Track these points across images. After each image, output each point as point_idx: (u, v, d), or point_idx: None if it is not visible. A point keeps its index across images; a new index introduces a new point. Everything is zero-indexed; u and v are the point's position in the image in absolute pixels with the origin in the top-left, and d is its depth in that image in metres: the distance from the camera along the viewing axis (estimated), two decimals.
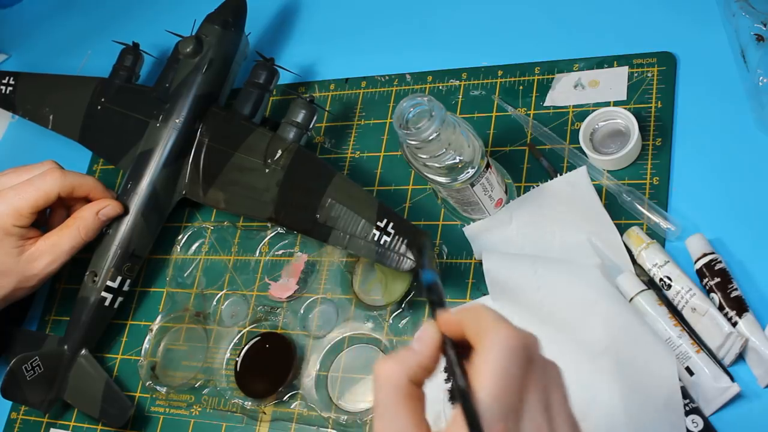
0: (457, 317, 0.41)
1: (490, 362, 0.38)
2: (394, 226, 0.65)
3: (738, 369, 0.59)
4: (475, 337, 0.39)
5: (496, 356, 0.38)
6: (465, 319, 0.40)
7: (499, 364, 0.38)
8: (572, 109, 0.72)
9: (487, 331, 0.39)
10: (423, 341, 0.41)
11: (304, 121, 0.75)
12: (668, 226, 0.64)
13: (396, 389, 0.40)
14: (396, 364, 0.40)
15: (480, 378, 0.38)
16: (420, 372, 0.41)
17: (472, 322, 0.40)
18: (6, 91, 0.91)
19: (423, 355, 0.41)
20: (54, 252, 0.74)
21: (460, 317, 0.41)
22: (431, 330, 0.41)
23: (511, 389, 0.38)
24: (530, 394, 0.39)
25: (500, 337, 0.38)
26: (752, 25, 0.66)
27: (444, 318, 0.41)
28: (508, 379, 0.38)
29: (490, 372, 0.38)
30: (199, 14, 0.82)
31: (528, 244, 0.68)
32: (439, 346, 0.41)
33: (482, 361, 0.38)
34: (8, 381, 0.74)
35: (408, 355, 0.41)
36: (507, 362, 0.38)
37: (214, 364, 0.74)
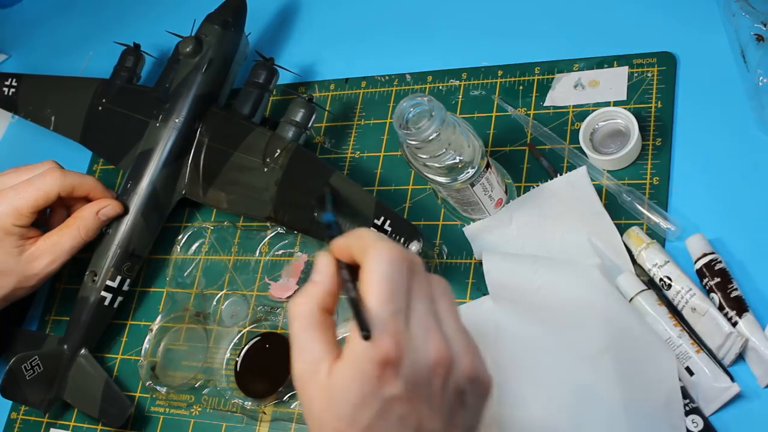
0: (345, 242, 0.45)
1: (374, 271, 0.42)
2: (392, 224, 0.65)
3: (738, 369, 0.59)
4: (362, 256, 0.44)
5: (379, 266, 0.42)
6: (351, 242, 0.45)
7: (382, 271, 0.42)
8: (572, 109, 0.72)
9: (370, 247, 0.43)
10: (320, 270, 0.45)
11: (303, 121, 0.75)
12: (668, 226, 0.64)
13: (306, 319, 0.44)
14: (304, 298, 0.44)
15: (367, 288, 0.42)
16: (326, 298, 0.44)
17: (357, 243, 0.44)
18: (8, 93, 0.91)
19: (324, 283, 0.45)
20: (54, 251, 0.74)
21: (348, 242, 0.45)
22: (325, 258, 0.45)
23: (397, 294, 0.42)
24: (416, 299, 0.43)
25: (381, 249, 0.43)
26: (752, 25, 0.66)
27: (335, 245, 0.45)
28: (392, 285, 0.42)
29: (375, 280, 0.42)
30: (199, 14, 0.82)
31: (528, 244, 0.68)
32: (335, 270, 0.45)
33: (366, 272, 0.43)
34: (8, 380, 0.74)
35: (312, 286, 0.45)
36: (389, 270, 0.42)
37: (214, 364, 0.74)
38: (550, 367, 0.60)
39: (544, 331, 0.61)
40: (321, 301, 0.44)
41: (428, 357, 0.42)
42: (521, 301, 0.63)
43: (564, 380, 0.60)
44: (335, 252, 0.45)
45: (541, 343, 0.61)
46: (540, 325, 0.62)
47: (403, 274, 0.43)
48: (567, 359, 0.60)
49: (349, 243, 0.45)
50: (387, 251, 0.43)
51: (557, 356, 0.60)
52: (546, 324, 0.62)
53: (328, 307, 0.45)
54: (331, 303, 0.45)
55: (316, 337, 0.43)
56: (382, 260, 0.43)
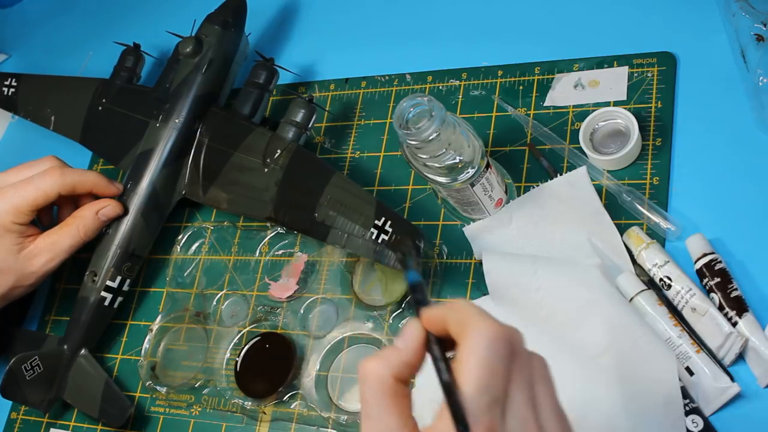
0: (440, 313, 0.41)
1: (473, 355, 0.38)
2: (392, 225, 0.65)
3: (738, 369, 0.59)
4: (458, 332, 0.40)
5: (479, 349, 0.38)
6: (448, 314, 0.41)
7: (482, 356, 0.38)
8: (572, 109, 0.72)
9: (469, 325, 0.39)
10: (406, 338, 0.41)
11: (303, 121, 0.75)
12: (668, 226, 0.64)
13: (381, 387, 0.40)
14: (380, 362, 0.41)
15: (463, 371, 0.38)
16: (404, 369, 0.41)
17: (454, 317, 0.40)
18: (8, 93, 0.91)
19: (406, 352, 0.41)
20: (53, 250, 0.74)
21: (443, 313, 0.41)
22: (414, 327, 0.41)
23: (495, 381, 0.38)
24: (515, 386, 0.39)
25: (482, 330, 0.39)
26: (752, 25, 0.66)
27: (427, 314, 0.41)
28: (492, 372, 0.38)
29: (473, 365, 0.38)
30: (199, 14, 0.82)
31: (528, 244, 0.68)
32: (422, 342, 0.41)
33: (465, 355, 0.39)
34: (8, 380, 0.74)
35: (392, 352, 0.41)
36: (489, 354, 0.38)
37: (214, 364, 0.74)
38: (550, 367, 0.60)
39: (544, 331, 0.61)
40: (398, 371, 0.41)
41: None
42: (521, 301, 0.63)
43: (564, 380, 0.59)
44: (426, 322, 0.41)
45: (541, 343, 0.61)
46: (540, 325, 0.62)
47: (505, 358, 0.39)
48: (567, 359, 0.60)
49: (444, 315, 0.41)
50: (488, 331, 0.39)
51: (557, 356, 0.60)
52: (546, 324, 0.62)
53: (404, 378, 0.41)
54: (409, 375, 0.41)
55: (391, 407, 0.40)
56: (484, 342, 0.39)
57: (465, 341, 0.39)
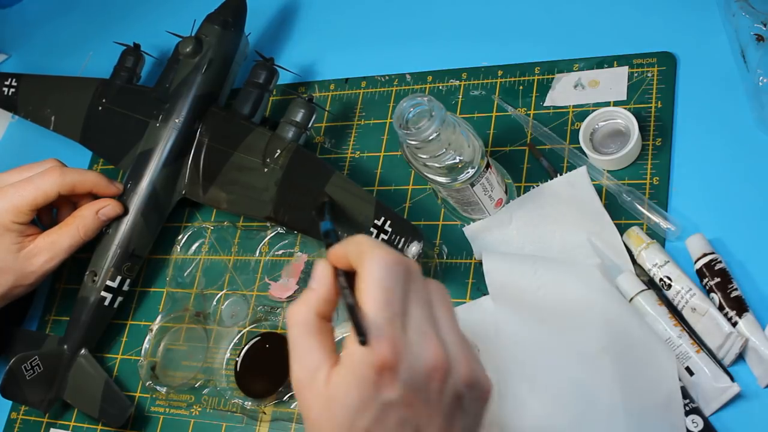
0: (341, 249, 0.45)
1: (369, 277, 0.43)
2: (392, 225, 0.65)
3: (738, 369, 0.59)
4: (358, 262, 0.44)
5: (375, 271, 0.43)
6: (348, 248, 0.45)
7: (378, 277, 0.42)
8: (572, 109, 0.72)
9: (365, 253, 0.43)
10: (318, 277, 0.45)
11: (303, 121, 0.75)
12: (668, 226, 0.64)
13: (304, 326, 0.44)
14: (300, 304, 0.45)
15: (363, 293, 0.43)
16: (323, 305, 0.45)
17: (354, 250, 0.44)
18: (8, 93, 0.91)
19: (321, 290, 0.45)
20: (52, 249, 0.74)
21: (344, 249, 0.45)
22: (323, 265, 0.46)
23: (393, 299, 0.42)
24: (413, 304, 0.43)
25: (376, 255, 0.43)
26: (752, 25, 0.66)
27: (332, 253, 0.46)
28: (388, 291, 0.42)
29: (371, 286, 0.42)
30: (199, 14, 0.82)
31: (528, 244, 0.68)
32: (333, 278, 0.45)
33: (363, 279, 0.43)
34: (8, 380, 0.74)
35: (309, 293, 0.45)
36: (385, 276, 0.43)
37: (214, 364, 0.74)
38: (550, 367, 0.60)
39: (544, 331, 0.61)
40: (318, 308, 0.45)
41: (425, 362, 0.42)
42: (521, 301, 0.63)
43: (564, 380, 0.60)
44: (332, 259, 0.46)
45: (541, 343, 0.61)
46: (540, 325, 0.62)
47: (400, 279, 0.43)
48: (567, 359, 0.60)
49: (346, 250, 0.45)
50: (383, 257, 0.43)
51: (557, 356, 0.60)
52: (546, 324, 0.62)
53: (325, 313, 0.45)
54: (329, 310, 0.45)
55: (314, 343, 0.44)
56: (378, 266, 0.43)
57: (363, 268, 0.43)
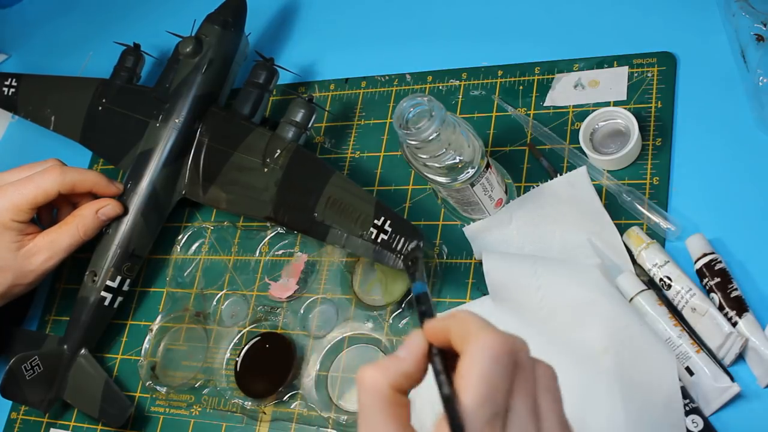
0: (443, 324, 0.41)
1: (474, 367, 0.38)
2: (392, 225, 0.65)
3: (738, 369, 0.59)
4: (461, 344, 0.39)
5: (480, 361, 0.38)
6: (451, 326, 0.40)
7: (483, 369, 0.38)
8: (572, 109, 0.72)
9: (470, 336, 0.39)
10: (408, 349, 0.41)
11: (303, 121, 0.75)
12: (668, 226, 0.64)
13: (378, 396, 0.40)
14: (378, 371, 0.40)
15: (464, 384, 0.38)
16: (404, 380, 0.40)
17: (457, 328, 0.40)
18: (8, 93, 0.91)
19: (407, 363, 0.40)
20: (52, 248, 0.74)
21: (446, 324, 0.40)
22: (417, 337, 0.41)
23: (496, 394, 0.38)
24: (517, 399, 0.38)
25: (484, 341, 0.38)
26: (752, 25, 0.66)
27: (430, 326, 0.41)
28: (493, 384, 0.37)
29: (474, 378, 0.37)
30: (199, 14, 0.82)
31: (528, 244, 0.68)
32: (424, 353, 0.41)
33: (466, 367, 0.38)
34: (8, 380, 0.74)
35: (392, 362, 0.41)
36: (491, 367, 0.38)
37: (214, 364, 0.74)
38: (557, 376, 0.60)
39: (544, 331, 0.61)
40: (397, 381, 0.40)
41: None
42: (521, 301, 0.63)
43: (564, 380, 0.59)
44: (429, 333, 0.41)
45: (541, 343, 0.61)
46: (540, 325, 0.62)
47: (508, 371, 0.38)
48: (567, 359, 0.60)
49: (447, 326, 0.40)
50: (490, 343, 0.38)
51: (557, 356, 0.60)
52: (546, 324, 0.62)
53: (403, 388, 0.41)
54: (408, 386, 0.41)
55: (389, 418, 0.39)
56: (485, 355, 0.38)
57: (467, 353, 0.38)
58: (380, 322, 0.69)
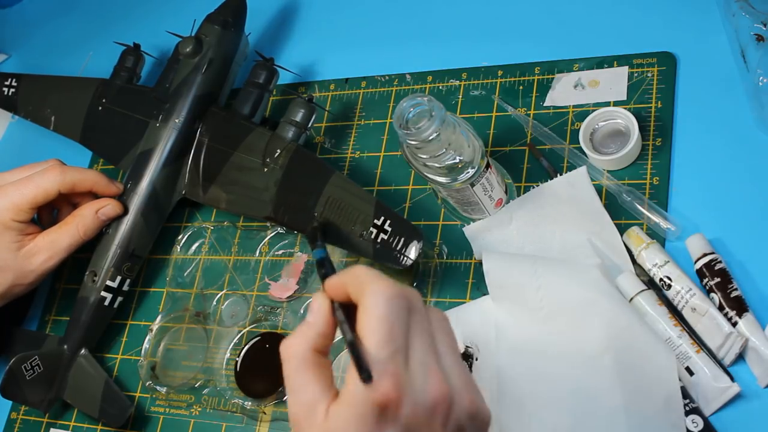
0: (339, 280, 0.44)
1: (371, 311, 0.41)
2: (392, 224, 0.65)
3: (738, 369, 0.59)
4: (358, 295, 0.43)
5: (377, 306, 0.41)
6: (347, 281, 0.44)
7: (380, 312, 0.41)
8: (572, 109, 0.72)
9: (365, 286, 0.42)
10: (314, 311, 0.44)
11: (303, 121, 0.75)
12: (668, 226, 0.64)
13: (301, 361, 0.43)
14: (296, 338, 0.44)
15: (364, 328, 0.41)
16: (320, 340, 0.44)
17: (353, 281, 0.43)
18: (8, 93, 0.91)
19: (317, 324, 0.44)
20: (52, 248, 0.74)
21: (343, 279, 0.44)
22: (320, 298, 0.45)
23: (394, 333, 0.41)
24: (415, 337, 0.42)
25: (377, 287, 0.42)
26: (752, 25, 0.66)
27: (329, 284, 0.45)
28: (389, 325, 0.41)
29: (373, 320, 0.41)
30: (199, 14, 0.82)
31: (528, 244, 0.68)
32: (329, 311, 0.44)
33: (363, 313, 0.42)
34: (8, 380, 0.74)
35: (305, 327, 0.44)
36: (387, 310, 0.41)
37: (214, 364, 0.74)
38: (550, 367, 0.60)
39: (544, 331, 0.61)
40: (315, 342, 0.44)
41: (428, 396, 0.41)
42: (521, 301, 0.63)
43: (564, 380, 0.60)
44: (330, 291, 0.45)
45: (541, 343, 0.61)
46: (540, 325, 0.62)
47: (402, 312, 0.42)
48: (567, 359, 0.60)
49: (344, 281, 0.44)
50: (384, 290, 0.42)
51: (557, 356, 0.60)
52: (546, 324, 0.62)
53: (322, 348, 0.44)
54: (326, 344, 0.44)
55: (311, 377, 0.43)
56: (380, 299, 0.42)
57: (363, 301, 0.42)
58: None
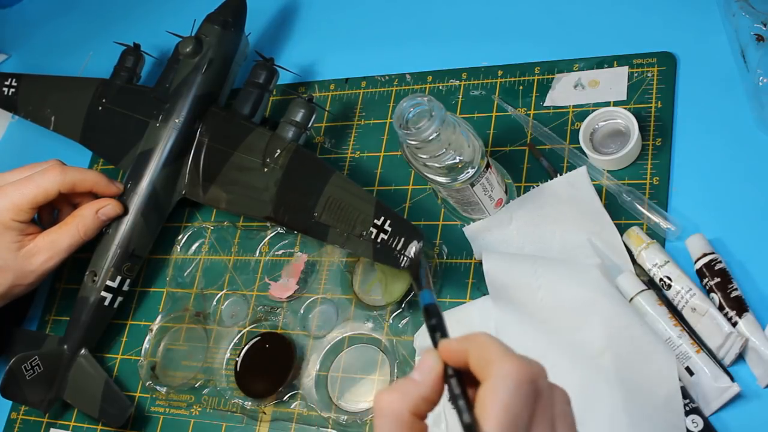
0: (460, 346, 0.40)
1: (497, 396, 0.37)
2: (392, 224, 0.65)
3: (738, 369, 0.59)
4: (480, 369, 0.38)
5: (502, 390, 0.37)
6: (470, 348, 0.39)
7: (506, 399, 0.37)
8: (572, 109, 0.72)
9: (493, 363, 0.38)
10: (424, 371, 0.40)
11: (303, 121, 0.75)
12: (668, 226, 0.64)
13: (398, 422, 0.39)
14: (396, 396, 0.39)
15: (485, 413, 0.37)
16: (421, 404, 0.39)
17: (476, 352, 0.39)
18: (8, 93, 0.91)
19: (424, 386, 0.39)
20: (52, 248, 0.74)
21: (465, 346, 0.39)
22: (432, 360, 0.40)
23: (518, 424, 0.37)
24: (538, 427, 0.38)
25: (507, 370, 0.37)
26: (752, 25, 0.66)
27: (447, 347, 0.40)
28: (515, 415, 0.37)
29: (497, 408, 0.37)
30: (199, 14, 0.82)
31: (528, 244, 0.68)
32: (441, 376, 0.40)
33: (487, 396, 0.37)
34: (8, 380, 0.74)
35: (409, 385, 0.39)
36: (513, 397, 0.37)
37: (214, 364, 0.74)
38: (550, 367, 0.60)
39: (544, 331, 0.61)
40: (416, 405, 0.39)
41: None
42: (521, 301, 0.63)
43: (564, 380, 0.59)
44: (445, 354, 0.40)
45: (541, 343, 0.61)
46: (540, 325, 0.62)
47: (529, 400, 0.38)
48: (567, 359, 0.60)
49: (466, 348, 0.39)
50: (513, 372, 0.37)
51: (557, 356, 0.60)
52: (546, 324, 0.62)
53: (422, 413, 0.39)
54: (426, 409, 0.40)
55: None
56: (509, 384, 0.37)
57: (488, 381, 0.38)
58: (380, 322, 0.69)
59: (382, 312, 0.70)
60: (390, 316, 0.69)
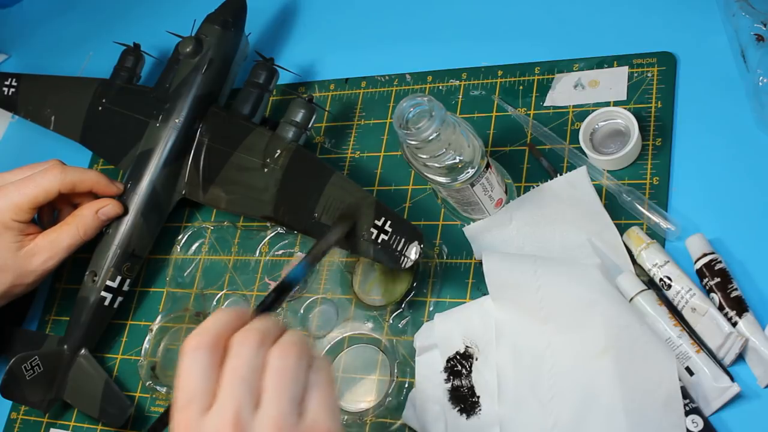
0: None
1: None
2: (392, 225, 0.65)
3: (738, 369, 0.59)
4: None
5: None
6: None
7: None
8: (572, 109, 0.72)
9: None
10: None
11: (303, 121, 0.75)
12: (668, 226, 0.64)
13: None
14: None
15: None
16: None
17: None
18: (8, 93, 0.91)
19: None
20: (52, 248, 0.74)
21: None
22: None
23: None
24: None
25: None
26: (752, 25, 0.66)
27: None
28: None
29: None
30: (199, 14, 0.82)
31: (528, 244, 0.68)
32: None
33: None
34: (8, 380, 0.74)
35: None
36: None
37: None
38: (550, 367, 0.60)
39: (544, 331, 0.61)
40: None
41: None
42: (521, 301, 0.63)
43: (564, 380, 0.60)
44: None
45: (541, 343, 0.61)
46: (540, 325, 0.62)
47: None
48: (567, 359, 0.60)
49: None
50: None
51: (557, 356, 0.60)
52: (546, 324, 0.62)
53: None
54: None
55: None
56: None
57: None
58: (380, 322, 0.69)
59: (382, 312, 0.70)
60: (390, 316, 0.69)
